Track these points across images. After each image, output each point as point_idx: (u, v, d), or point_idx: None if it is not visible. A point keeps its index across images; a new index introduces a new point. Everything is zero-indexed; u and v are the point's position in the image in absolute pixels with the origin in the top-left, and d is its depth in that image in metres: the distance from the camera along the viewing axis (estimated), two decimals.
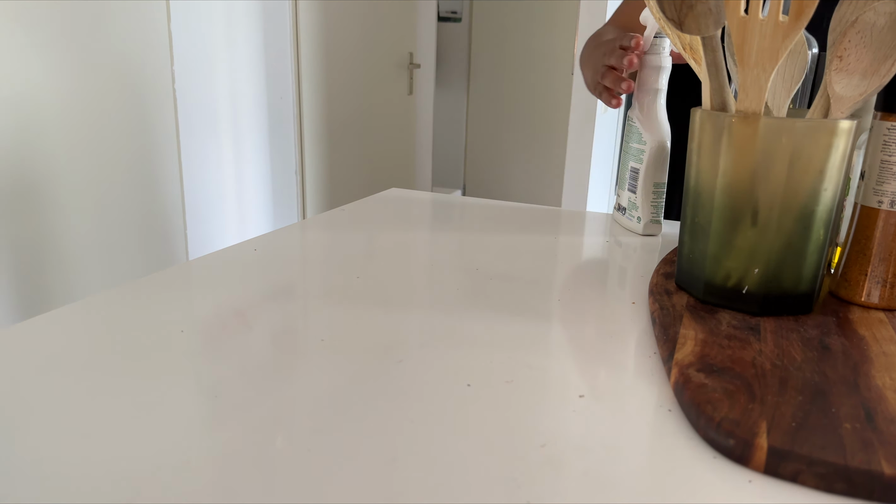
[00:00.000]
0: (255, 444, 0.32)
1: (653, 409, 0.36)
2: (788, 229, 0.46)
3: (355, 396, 0.36)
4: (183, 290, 0.51)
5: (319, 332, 0.45)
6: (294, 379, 0.38)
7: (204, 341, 0.42)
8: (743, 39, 0.44)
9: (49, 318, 0.46)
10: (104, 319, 0.45)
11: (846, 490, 0.30)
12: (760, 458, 0.31)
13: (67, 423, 0.33)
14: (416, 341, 0.43)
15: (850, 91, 0.46)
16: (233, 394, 0.36)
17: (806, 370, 0.39)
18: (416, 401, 0.36)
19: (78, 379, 0.37)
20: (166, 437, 0.32)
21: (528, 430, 0.34)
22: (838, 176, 0.46)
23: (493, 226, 0.74)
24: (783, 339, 0.43)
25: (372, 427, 0.33)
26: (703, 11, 0.48)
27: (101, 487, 0.28)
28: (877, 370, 0.39)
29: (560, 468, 0.31)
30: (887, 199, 0.49)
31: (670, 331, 0.44)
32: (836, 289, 0.53)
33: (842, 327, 0.46)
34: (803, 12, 0.42)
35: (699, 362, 0.39)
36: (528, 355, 0.42)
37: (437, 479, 0.30)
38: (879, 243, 0.49)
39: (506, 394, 0.37)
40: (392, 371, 0.39)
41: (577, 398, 0.37)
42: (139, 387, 0.37)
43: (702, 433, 0.33)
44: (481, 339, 0.44)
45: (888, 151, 0.48)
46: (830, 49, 0.46)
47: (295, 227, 0.71)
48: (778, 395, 0.36)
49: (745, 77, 0.45)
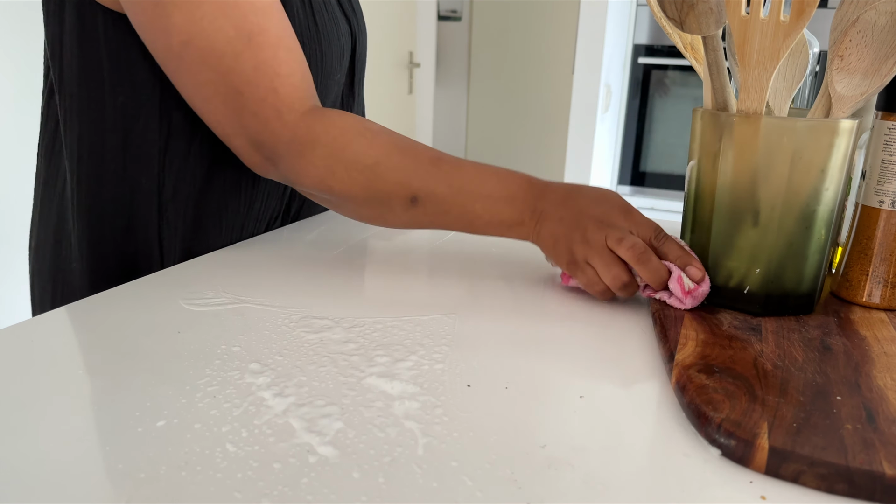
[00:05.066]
0: (255, 443, 0.32)
1: (653, 410, 0.36)
2: (790, 229, 0.46)
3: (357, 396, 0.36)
4: (178, 291, 0.51)
5: (321, 333, 0.45)
6: (296, 373, 0.38)
7: (203, 341, 0.42)
8: (744, 39, 0.44)
9: (49, 317, 0.45)
10: (104, 319, 0.45)
11: (847, 491, 0.30)
12: (762, 458, 0.31)
13: (67, 423, 0.33)
14: (416, 342, 0.43)
15: (851, 90, 0.46)
16: (233, 393, 0.36)
17: (807, 371, 0.39)
18: (416, 401, 0.36)
19: (78, 379, 0.37)
20: (166, 437, 0.32)
21: (528, 431, 0.34)
22: (840, 176, 0.46)
23: None
24: (784, 339, 0.43)
25: (372, 426, 0.33)
26: (704, 11, 0.48)
27: (101, 487, 0.28)
28: (878, 370, 0.39)
29: (560, 469, 0.31)
30: (888, 199, 0.49)
31: (671, 331, 0.43)
32: (838, 289, 0.53)
33: (843, 328, 0.46)
34: (804, 12, 0.42)
35: (700, 363, 0.39)
36: (528, 355, 0.42)
37: (437, 480, 0.29)
38: (880, 243, 0.49)
39: (506, 394, 0.37)
40: (392, 371, 0.39)
41: (577, 399, 0.37)
42: (139, 387, 0.36)
43: (703, 434, 0.33)
44: (481, 339, 0.44)
45: (889, 151, 0.48)
46: (831, 48, 0.46)
47: (295, 227, 0.71)
48: (779, 395, 0.35)
49: (746, 76, 0.45)
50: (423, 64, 2.75)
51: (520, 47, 2.95)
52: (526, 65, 2.95)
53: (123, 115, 0.59)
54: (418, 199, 0.52)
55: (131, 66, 0.58)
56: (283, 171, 0.54)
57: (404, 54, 2.69)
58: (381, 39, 2.49)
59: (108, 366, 0.39)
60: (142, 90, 0.59)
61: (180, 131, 0.60)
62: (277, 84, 0.52)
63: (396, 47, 2.63)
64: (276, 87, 0.52)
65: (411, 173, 0.52)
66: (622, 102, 2.68)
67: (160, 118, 0.60)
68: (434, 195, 0.52)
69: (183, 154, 0.61)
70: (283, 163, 0.54)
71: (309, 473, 0.29)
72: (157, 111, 0.59)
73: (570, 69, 2.72)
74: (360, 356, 0.41)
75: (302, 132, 0.52)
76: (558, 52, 2.86)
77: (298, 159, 0.53)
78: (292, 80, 0.53)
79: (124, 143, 0.60)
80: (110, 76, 0.58)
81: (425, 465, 0.30)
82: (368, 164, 0.52)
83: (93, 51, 0.58)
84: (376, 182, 0.52)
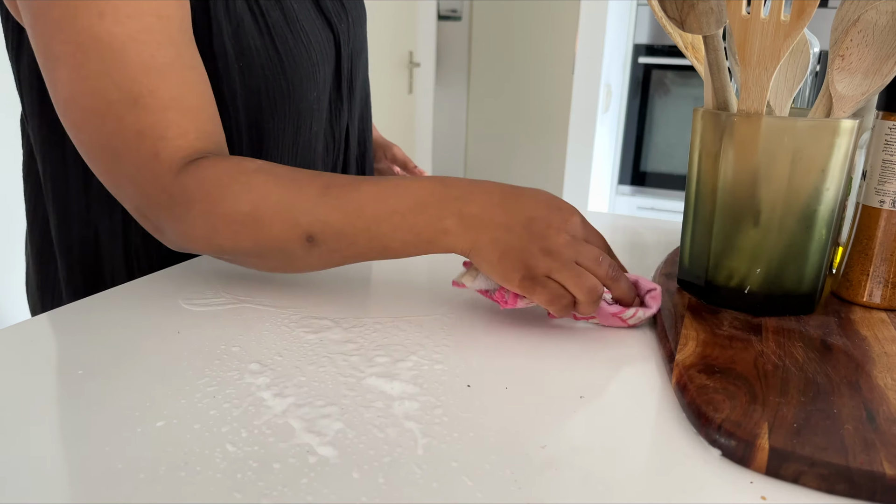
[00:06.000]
0: (255, 443, 0.31)
1: (654, 410, 0.36)
2: (791, 229, 0.46)
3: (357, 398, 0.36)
4: (178, 291, 0.51)
5: (320, 333, 0.44)
6: (296, 373, 0.38)
7: (203, 341, 0.42)
8: (745, 39, 0.44)
9: (49, 317, 0.45)
10: (104, 319, 0.45)
11: (848, 491, 0.30)
12: (762, 459, 0.31)
13: (67, 423, 0.33)
14: (416, 342, 0.43)
15: (852, 90, 0.46)
16: (232, 394, 0.36)
17: (808, 371, 0.39)
18: (415, 401, 0.36)
19: (77, 379, 0.37)
20: (166, 437, 0.32)
21: (528, 431, 0.34)
22: (840, 175, 0.46)
23: None
24: (785, 339, 0.43)
25: (371, 427, 0.33)
26: (705, 10, 0.48)
27: (101, 488, 0.28)
28: (879, 371, 0.39)
29: (560, 469, 0.31)
30: (889, 199, 0.49)
31: (672, 331, 0.43)
32: (838, 289, 0.53)
33: (843, 328, 0.46)
34: (805, 12, 0.42)
35: (701, 363, 0.39)
36: (528, 356, 0.42)
37: (437, 480, 0.29)
38: (881, 243, 0.49)
39: (506, 394, 0.37)
40: (392, 371, 0.39)
41: (577, 399, 0.37)
42: (139, 387, 0.36)
43: (703, 434, 0.33)
44: (481, 339, 0.44)
45: (890, 151, 0.48)
46: (832, 48, 0.46)
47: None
48: (780, 395, 0.35)
49: (746, 76, 0.45)
50: (422, 63, 2.75)
51: (520, 47, 2.95)
52: (526, 65, 2.95)
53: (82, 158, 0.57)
54: (314, 237, 0.45)
55: None
56: (171, 237, 0.49)
57: (404, 54, 2.69)
58: (381, 39, 2.49)
59: (107, 366, 0.39)
60: None
61: None
62: (160, 147, 0.47)
63: (396, 47, 2.63)
64: (157, 151, 0.47)
65: (297, 209, 0.45)
66: (622, 102, 2.68)
67: None
68: (330, 228, 0.45)
69: None
70: (168, 229, 0.48)
71: (309, 474, 0.29)
72: None
73: (570, 69, 2.72)
74: (360, 356, 0.41)
75: (177, 193, 0.47)
76: (558, 52, 2.86)
77: (180, 223, 0.47)
78: (179, 142, 0.47)
79: (86, 185, 0.58)
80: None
81: (425, 466, 0.30)
82: (247, 212, 0.45)
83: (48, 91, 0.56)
84: (262, 230, 0.46)
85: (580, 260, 0.43)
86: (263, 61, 0.58)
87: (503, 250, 0.43)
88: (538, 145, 3.02)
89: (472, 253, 0.44)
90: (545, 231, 0.43)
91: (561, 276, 0.43)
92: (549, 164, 2.99)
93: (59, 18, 0.45)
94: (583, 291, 0.43)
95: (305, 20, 0.61)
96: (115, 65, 0.46)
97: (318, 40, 0.63)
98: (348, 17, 0.68)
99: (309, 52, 0.61)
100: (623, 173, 2.73)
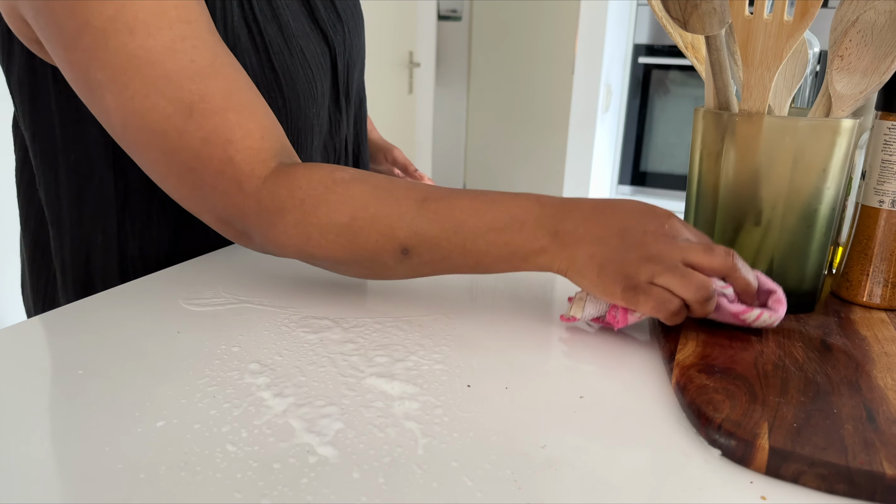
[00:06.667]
0: (255, 443, 0.31)
1: (653, 410, 0.36)
2: (791, 228, 0.46)
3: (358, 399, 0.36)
4: (178, 291, 0.51)
5: (320, 333, 0.44)
6: (296, 373, 0.38)
7: (203, 341, 0.42)
8: (747, 39, 0.44)
9: (49, 317, 0.45)
10: (104, 319, 0.45)
11: (848, 491, 0.30)
12: (762, 458, 0.31)
13: (67, 423, 0.33)
14: (416, 342, 0.43)
15: (851, 89, 0.46)
16: (232, 394, 0.36)
17: (808, 371, 0.39)
18: (415, 401, 0.36)
19: (77, 379, 0.37)
20: (166, 438, 0.32)
21: (528, 431, 0.34)
22: (840, 175, 0.46)
23: None
24: (785, 339, 0.43)
25: (371, 426, 0.33)
26: (708, 11, 0.48)
27: (101, 488, 0.28)
28: (878, 370, 0.39)
29: (560, 469, 0.31)
30: (888, 199, 0.49)
31: (672, 331, 0.43)
32: (838, 289, 0.53)
33: (843, 327, 0.46)
34: (808, 12, 0.42)
35: (700, 363, 0.39)
36: (528, 355, 0.42)
37: (437, 480, 0.29)
38: (881, 243, 0.49)
39: (506, 394, 0.37)
40: (392, 371, 0.39)
41: (577, 399, 0.37)
42: (139, 387, 0.36)
43: (703, 434, 0.33)
44: (481, 339, 0.44)
45: (889, 151, 0.48)
46: (831, 48, 0.46)
47: None
48: (779, 395, 0.35)
49: (749, 76, 0.45)
50: (422, 63, 2.75)
51: (520, 47, 2.95)
52: (526, 65, 2.95)
53: (77, 173, 0.57)
54: (410, 250, 0.45)
55: (82, 122, 0.56)
56: (259, 243, 0.49)
57: (404, 54, 2.69)
58: (381, 39, 2.49)
59: (107, 366, 0.39)
60: (94, 148, 0.56)
61: (137, 190, 0.58)
62: (232, 152, 0.46)
63: (396, 47, 2.63)
64: (230, 156, 0.46)
65: (395, 222, 0.45)
66: (622, 102, 2.68)
67: (115, 177, 0.57)
68: (426, 241, 0.45)
69: (144, 214, 0.59)
70: (256, 235, 0.48)
71: (309, 474, 0.29)
72: (112, 170, 0.57)
73: (570, 69, 2.72)
74: (360, 356, 0.41)
75: (267, 200, 0.46)
76: (558, 52, 2.86)
77: (270, 230, 0.47)
78: (248, 143, 0.47)
79: (78, 200, 0.58)
80: (62, 132, 0.56)
81: (425, 466, 0.30)
82: (344, 223, 0.45)
83: (44, 105, 0.56)
84: (357, 240, 0.45)
85: (687, 258, 0.41)
86: (259, 80, 0.57)
87: (601, 264, 0.42)
88: (538, 145, 3.02)
89: (570, 271, 0.44)
90: (642, 238, 0.42)
91: (664, 280, 0.41)
92: (549, 163, 2.99)
93: (91, 45, 0.44)
94: (690, 290, 0.40)
95: (301, 35, 0.61)
96: (159, 78, 0.45)
97: (314, 55, 0.62)
98: (344, 28, 0.68)
99: (305, 68, 0.61)
100: (623, 173, 2.73)
